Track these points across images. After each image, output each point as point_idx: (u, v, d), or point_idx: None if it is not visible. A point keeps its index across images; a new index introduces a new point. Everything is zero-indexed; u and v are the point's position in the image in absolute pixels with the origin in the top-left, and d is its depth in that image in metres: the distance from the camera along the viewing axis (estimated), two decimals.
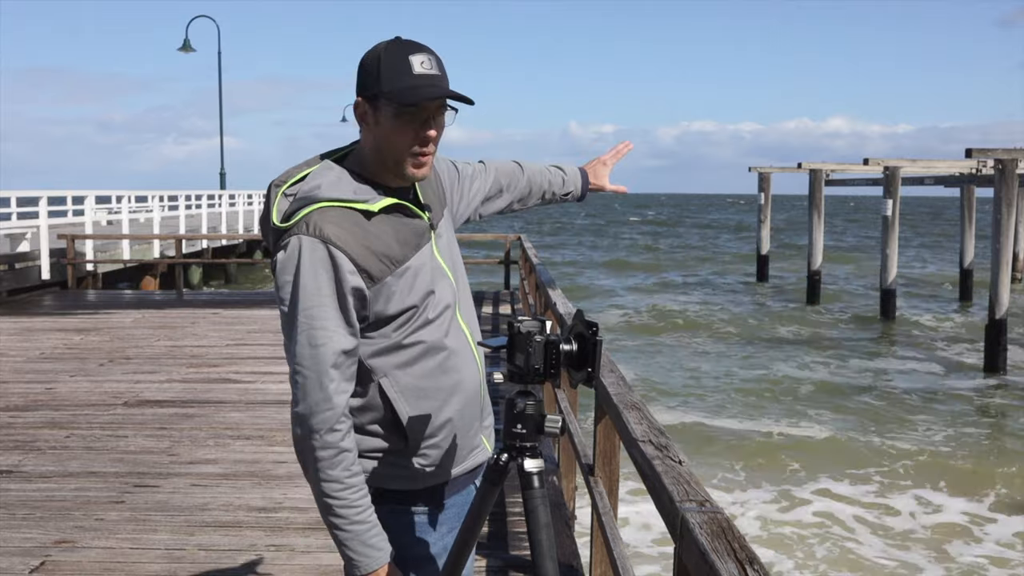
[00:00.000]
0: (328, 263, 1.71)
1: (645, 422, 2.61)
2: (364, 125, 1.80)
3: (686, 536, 1.77)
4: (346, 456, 1.75)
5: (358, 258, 1.73)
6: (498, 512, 4.61)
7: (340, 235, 1.72)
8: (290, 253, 1.73)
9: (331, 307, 1.72)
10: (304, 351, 1.72)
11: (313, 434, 1.73)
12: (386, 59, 1.74)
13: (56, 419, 6.51)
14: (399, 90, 1.72)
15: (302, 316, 1.72)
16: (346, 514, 1.75)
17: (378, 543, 1.78)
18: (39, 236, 14.70)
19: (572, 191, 2.33)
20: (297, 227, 1.74)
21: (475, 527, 1.83)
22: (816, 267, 24.79)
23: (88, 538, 4.26)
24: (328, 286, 1.72)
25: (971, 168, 20.78)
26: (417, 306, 1.81)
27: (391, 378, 1.82)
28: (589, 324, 1.69)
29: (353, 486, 1.76)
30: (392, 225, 1.79)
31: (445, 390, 1.86)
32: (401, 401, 1.82)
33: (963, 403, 13.11)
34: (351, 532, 1.76)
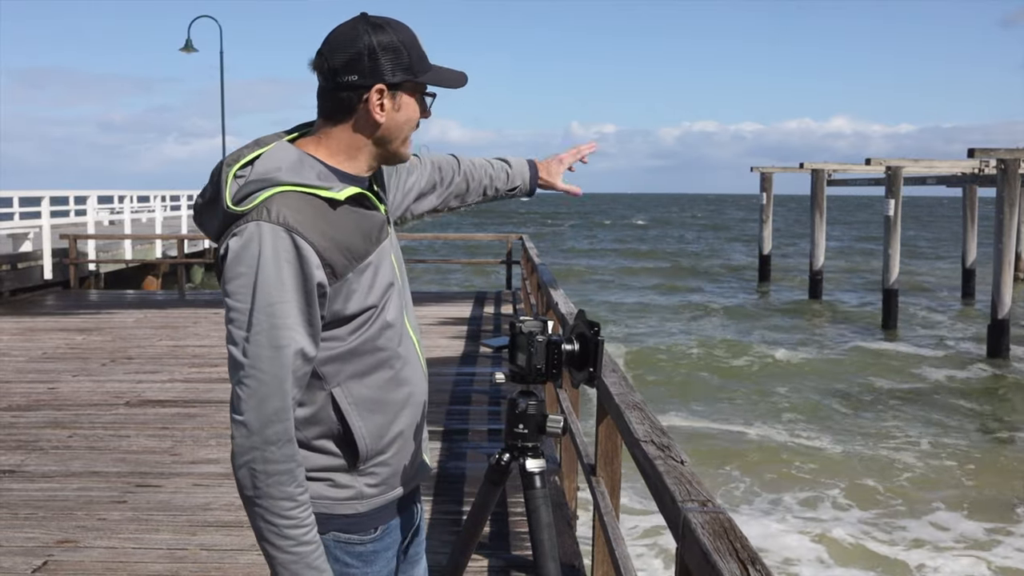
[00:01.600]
0: (293, 254, 1.54)
1: (647, 422, 2.60)
2: (375, 115, 1.64)
3: (688, 536, 1.77)
4: (300, 471, 1.59)
5: (323, 251, 1.56)
6: (500, 512, 4.61)
7: (304, 223, 1.55)
8: (247, 241, 1.54)
9: (294, 304, 1.54)
10: (263, 352, 1.53)
11: (268, 446, 1.55)
12: (405, 42, 1.64)
13: (58, 419, 6.52)
14: (438, 76, 1.67)
15: (261, 314, 1.53)
16: (294, 535, 1.58)
17: (322, 564, 1.62)
18: (41, 236, 14.72)
19: (519, 186, 2.16)
20: (256, 212, 1.55)
21: (478, 527, 1.83)
22: (818, 267, 24.79)
23: (90, 538, 4.27)
24: (292, 280, 1.54)
25: (974, 168, 20.76)
26: (376, 306, 1.66)
27: (344, 388, 1.65)
28: (591, 324, 1.69)
29: (304, 503, 1.59)
30: (354, 217, 1.65)
31: (398, 403, 1.72)
32: (353, 413, 1.66)
33: (963, 402, 13.10)
34: (297, 555, 1.58)
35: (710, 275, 32.52)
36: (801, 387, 13.91)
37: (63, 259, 15.40)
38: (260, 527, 1.59)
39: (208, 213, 1.67)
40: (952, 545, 7.71)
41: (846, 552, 7.53)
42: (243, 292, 1.54)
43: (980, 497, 8.91)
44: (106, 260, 16.83)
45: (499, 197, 2.16)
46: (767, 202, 28.09)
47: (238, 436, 1.56)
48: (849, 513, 8.39)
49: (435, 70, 1.68)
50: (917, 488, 9.18)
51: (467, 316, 11.98)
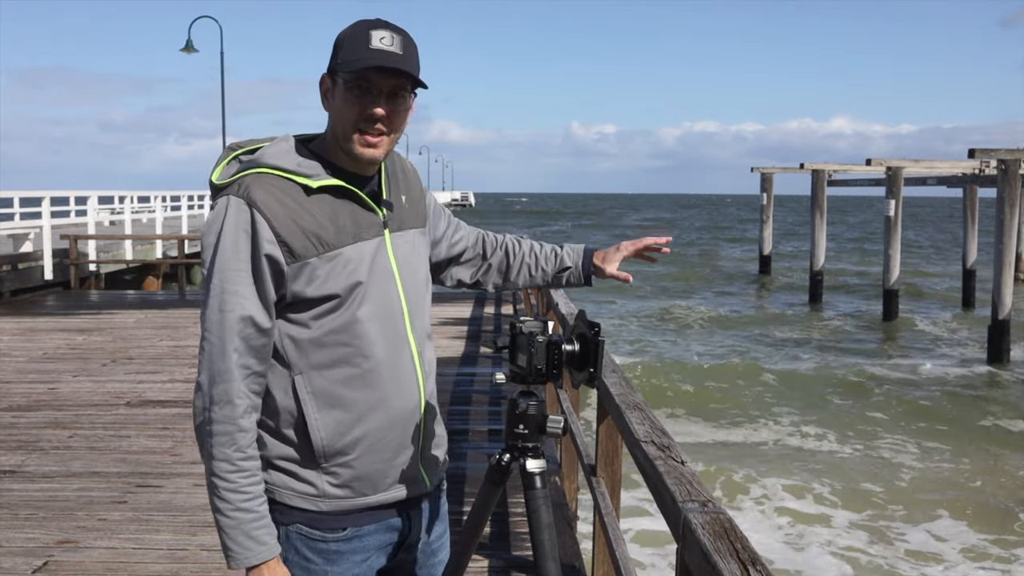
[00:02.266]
0: (249, 226, 1.63)
1: (647, 422, 2.61)
2: (326, 102, 1.73)
3: (688, 536, 1.77)
4: (242, 436, 1.63)
5: (280, 228, 1.63)
6: (500, 512, 4.61)
7: (267, 201, 1.64)
8: (216, 213, 1.66)
9: (245, 273, 1.63)
10: (213, 316, 1.63)
11: (212, 406, 1.62)
12: (348, 34, 1.68)
13: (59, 419, 6.52)
14: (349, 61, 1.65)
15: (215, 279, 1.63)
16: (232, 499, 1.63)
17: (262, 536, 1.65)
18: (42, 236, 14.72)
19: (571, 268, 2.07)
20: (230, 188, 1.67)
21: (478, 528, 1.83)
22: (818, 267, 24.79)
23: (91, 538, 4.27)
24: (246, 250, 1.63)
25: (974, 168, 20.77)
26: (340, 296, 1.67)
27: (305, 377, 1.69)
28: (591, 324, 1.69)
29: (245, 469, 1.63)
30: (333, 208, 1.69)
31: (363, 403, 1.71)
32: (311, 404, 1.69)
33: (963, 403, 13.09)
34: (234, 519, 1.63)
35: (706, 280, 31.98)
36: (801, 388, 13.90)
37: (63, 259, 15.41)
38: (208, 490, 1.66)
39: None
40: (951, 556, 7.69)
41: (845, 557, 7.53)
42: (207, 258, 1.65)
43: (980, 503, 8.89)
44: (106, 260, 16.83)
45: (551, 283, 2.09)
46: (767, 202, 28.10)
47: (195, 398, 1.66)
48: (844, 517, 8.38)
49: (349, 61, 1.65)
50: (917, 492, 9.17)
51: (467, 316, 11.98)
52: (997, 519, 8.35)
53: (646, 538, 7.25)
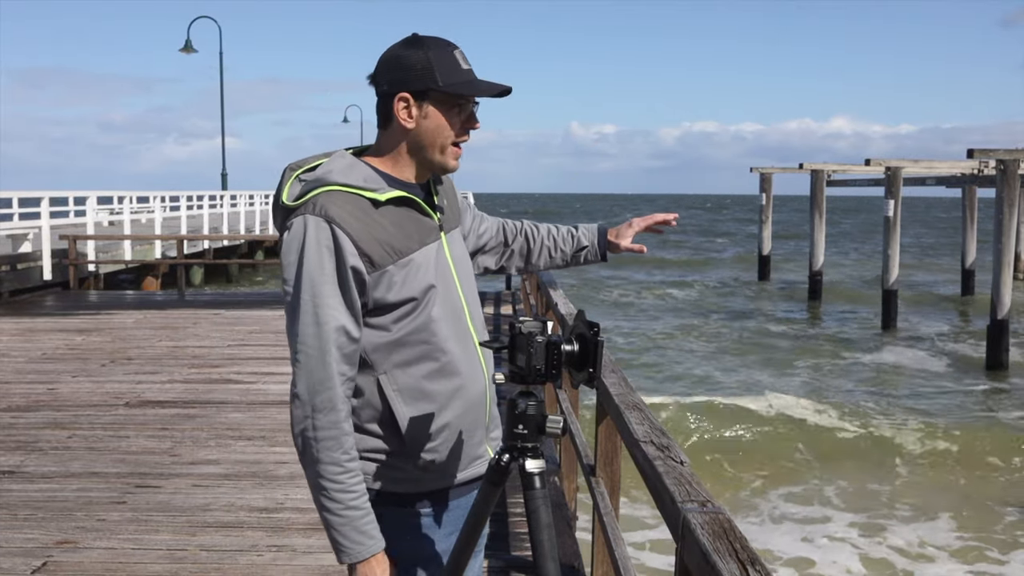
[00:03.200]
0: (331, 242, 1.72)
1: (647, 422, 2.61)
2: (402, 121, 1.81)
3: (688, 537, 1.77)
4: (346, 439, 1.74)
5: (360, 241, 1.74)
6: (500, 512, 4.61)
7: (344, 217, 1.73)
8: (295, 232, 1.75)
9: (333, 286, 1.73)
10: (308, 329, 1.72)
11: (316, 413, 1.72)
12: (436, 55, 1.78)
13: (58, 419, 6.51)
14: (459, 83, 1.78)
15: (306, 294, 1.72)
16: (342, 499, 1.74)
17: (371, 531, 1.76)
18: (41, 237, 14.71)
19: (587, 247, 2.25)
20: (304, 207, 1.76)
21: (477, 528, 1.83)
22: (817, 268, 24.80)
23: (90, 538, 4.26)
24: (330, 265, 1.72)
25: (973, 168, 20.77)
26: (417, 299, 1.80)
27: (390, 376, 1.81)
28: (591, 324, 1.69)
29: (351, 470, 1.75)
30: (398, 217, 1.81)
31: (445, 394, 1.84)
32: (398, 400, 1.81)
33: (962, 404, 13.10)
34: (345, 518, 1.74)
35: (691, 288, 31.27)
36: (799, 390, 13.91)
37: (62, 260, 15.40)
38: (314, 492, 1.76)
39: (275, 209, 1.87)
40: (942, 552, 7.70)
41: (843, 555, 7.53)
42: (291, 276, 1.75)
43: (976, 501, 8.90)
44: (106, 261, 16.83)
45: (569, 262, 2.26)
46: (767, 202, 28.10)
47: (293, 407, 1.75)
48: (844, 515, 8.38)
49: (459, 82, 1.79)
50: (916, 492, 9.18)
51: None
52: (991, 520, 8.36)
53: (646, 538, 7.25)
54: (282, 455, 5.61)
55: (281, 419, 6.49)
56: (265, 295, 15.84)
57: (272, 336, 10.29)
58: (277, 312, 12.45)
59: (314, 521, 4.46)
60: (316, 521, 4.45)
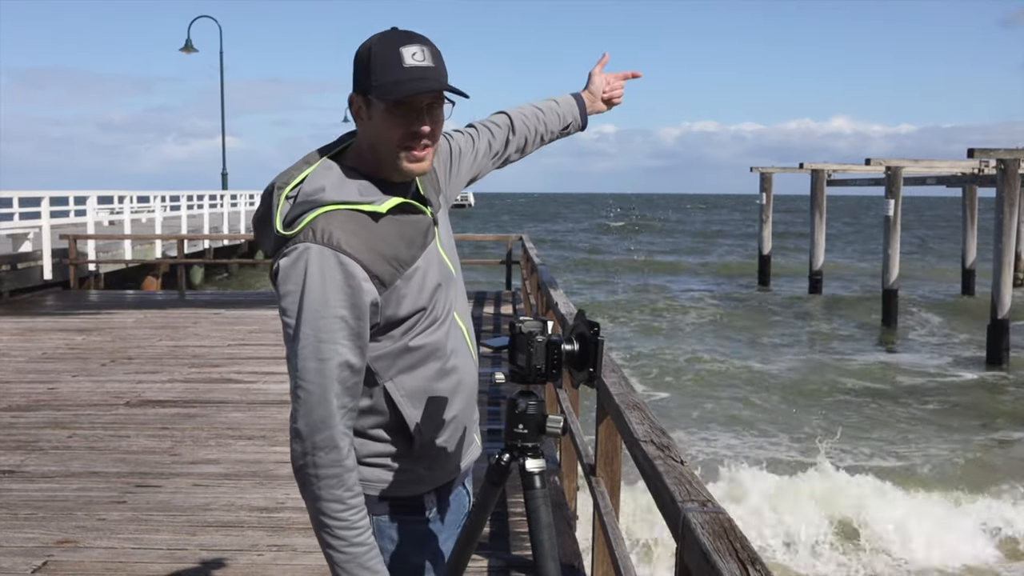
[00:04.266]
0: (339, 272, 1.62)
1: (647, 422, 2.61)
2: (359, 121, 1.73)
3: (688, 536, 1.77)
4: (349, 475, 1.67)
5: (369, 265, 1.64)
6: (500, 512, 4.61)
7: (351, 242, 1.63)
8: (294, 260, 1.63)
9: (339, 319, 1.63)
10: (309, 365, 1.63)
11: (317, 451, 1.65)
12: (377, 51, 1.66)
13: (58, 419, 6.51)
14: (387, 84, 1.64)
15: (306, 328, 1.62)
16: (346, 536, 1.67)
17: (375, 566, 1.70)
18: (41, 236, 14.71)
19: (572, 123, 2.29)
20: (303, 233, 1.64)
21: (477, 527, 1.83)
22: (818, 267, 24.81)
23: (90, 538, 4.27)
24: (338, 297, 1.62)
25: (973, 168, 20.76)
26: (426, 307, 1.75)
27: (396, 382, 1.76)
28: (591, 324, 1.69)
29: (354, 507, 1.68)
30: (398, 225, 1.72)
31: (448, 391, 1.82)
32: (407, 405, 1.77)
33: (962, 404, 13.09)
34: (349, 555, 1.68)
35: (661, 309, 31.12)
36: (798, 389, 13.91)
37: (63, 259, 15.39)
38: (316, 528, 1.70)
39: (262, 231, 1.77)
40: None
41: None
42: (291, 308, 1.65)
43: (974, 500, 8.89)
44: (106, 260, 16.82)
45: (556, 139, 2.30)
46: (767, 202, 28.09)
47: (293, 443, 1.68)
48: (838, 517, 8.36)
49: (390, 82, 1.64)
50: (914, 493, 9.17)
51: None
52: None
53: (646, 538, 7.24)
54: (282, 455, 5.60)
55: (281, 419, 6.48)
56: (265, 295, 15.81)
57: (272, 336, 10.29)
58: (277, 311, 12.43)
59: None
60: None
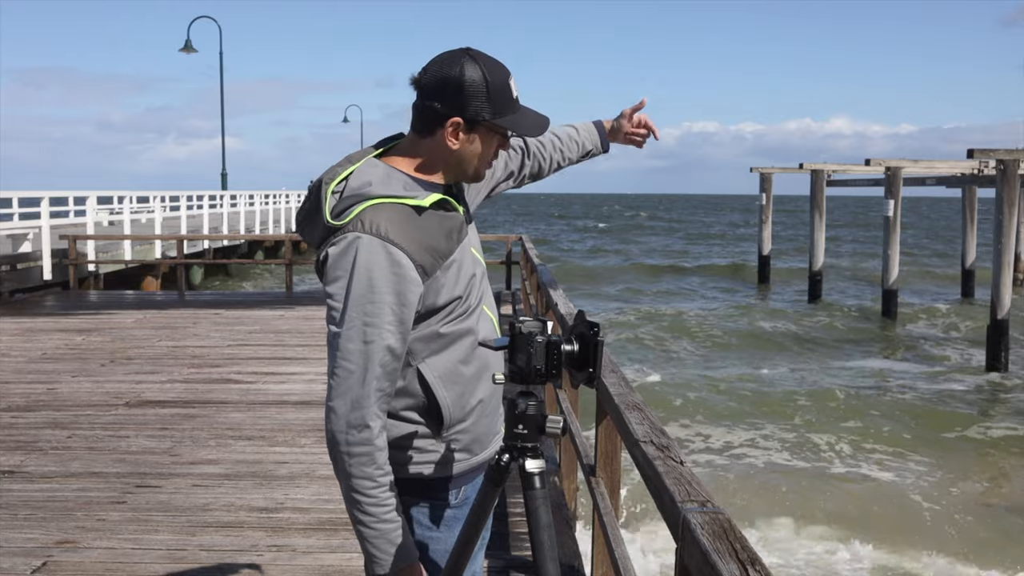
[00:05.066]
0: (387, 261, 1.73)
1: (647, 423, 2.61)
2: (447, 141, 1.82)
3: (688, 537, 1.77)
4: (379, 454, 1.77)
5: (414, 254, 1.76)
6: (500, 512, 4.61)
7: (398, 233, 1.75)
8: (345, 249, 1.74)
9: (387, 305, 1.73)
10: (354, 346, 1.73)
11: (351, 430, 1.74)
12: (494, 83, 1.79)
13: (58, 419, 6.51)
14: (509, 119, 1.82)
15: (353, 311, 1.73)
16: (375, 512, 1.77)
17: (404, 543, 1.79)
18: (41, 237, 14.71)
19: (591, 150, 2.38)
20: (352, 224, 1.76)
21: (477, 528, 1.83)
22: (817, 268, 24.80)
23: (90, 538, 4.26)
24: (385, 284, 1.73)
25: (973, 168, 20.77)
26: (462, 296, 1.86)
27: (428, 364, 1.85)
28: (591, 324, 1.69)
29: (384, 484, 1.77)
30: (438, 220, 1.84)
31: (475, 374, 1.90)
32: (439, 386, 1.85)
33: (962, 404, 13.09)
34: (378, 531, 1.77)
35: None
36: (797, 390, 13.91)
37: (62, 260, 15.40)
38: (348, 505, 1.79)
39: (309, 224, 1.87)
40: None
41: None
42: (339, 293, 1.75)
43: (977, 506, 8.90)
44: (106, 260, 16.82)
45: (576, 163, 2.40)
46: (767, 203, 28.09)
47: (329, 422, 1.77)
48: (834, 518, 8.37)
49: (515, 116, 1.83)
50: (915, 494, 9.18)
51: None
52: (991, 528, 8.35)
53: (646, 538, 7.25)
54: (282, 455, 5.61)
55: (281, 419, 6.49)
56: (265, 295, 15.83)
57: (272, 336, 10.30)
58: (277, 312, 12.46)
59: (314, 521, 4.46)
60: (316, 521, 4.45)
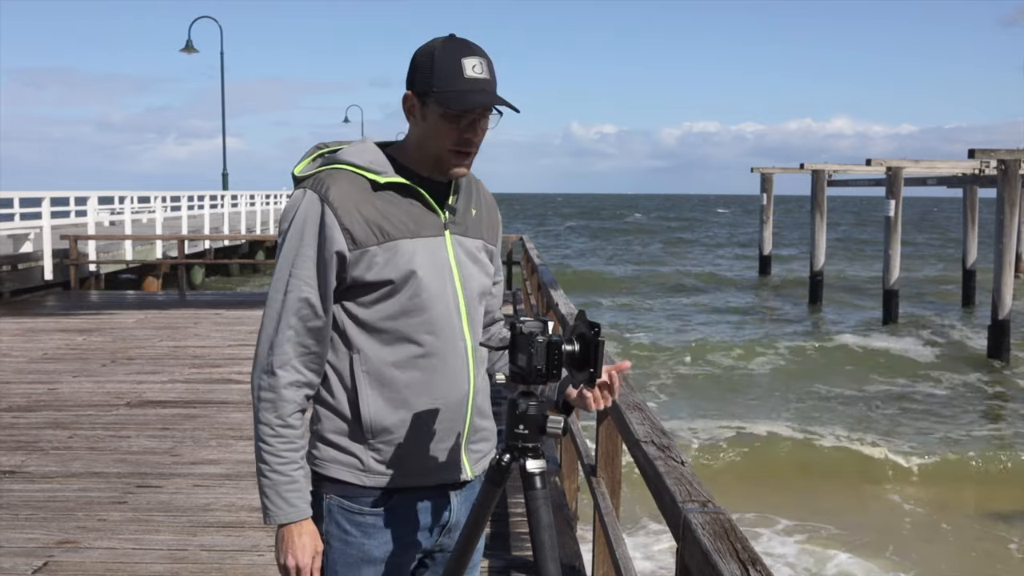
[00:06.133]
0: (318, 219, 1.77)
1: (647, 423, 2.61)
2: (411, 118, 1.84)
3: (688, 537, 1.77)
4: (283, 404, 1.79)
5: (344, 218, 1.77)
6: (500, 513, 4.61)
7: (337, 195, 1.77)
8: (292, 203, 1.82)
9: (310, 259, 1.78)
10: (276, 295, 1.81)
11: (262, 375, 1.80)
12: (440, 57, 1.76)
13: (59, 419, 6.51)
14: (449, 93, 1.75)
15: (282, 262, 1.81)
16: (269, 461, 1.79)
17: (293, 499, 1.80)
18: (42, 237, 14.72)
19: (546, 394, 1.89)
20: (307, 181, 1.83)
21: (478, 528, 1.83)
22: (818, 268, 24.80)
23: (91, 538, 4.27)
24: (312, 239, 1.78)
25: (974, 168, 20.76)
26: (394, 283, 1.79)
27: (362, 356, 1.83)
28: (591, 324, 1.69)
29: (284, 436, 1.79)
30: (397, 203, 1.82)
31: (414, 388, 1.83)
32: (364, 381, 1.82)
33: (962, 404, 13.08)
34: (270, 479, 1.80)
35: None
36: (799, 392, 13.90)
37: (63, 260, 15.40)
38: (255, 451, 1.83)
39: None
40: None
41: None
42: (280, 244, 1.82)
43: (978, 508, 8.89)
44: (106, 261, 16.82)
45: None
46: (767, 202, 28.09)
47: (253, 366, 1.84)
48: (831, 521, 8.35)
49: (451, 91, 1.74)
50: (914, 494, 9.17)
51: None
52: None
53: (646, 538, 7.25)
54: None
55: None
56: (265, 295, 15.82)
57: None
58: None
59: None
60: None
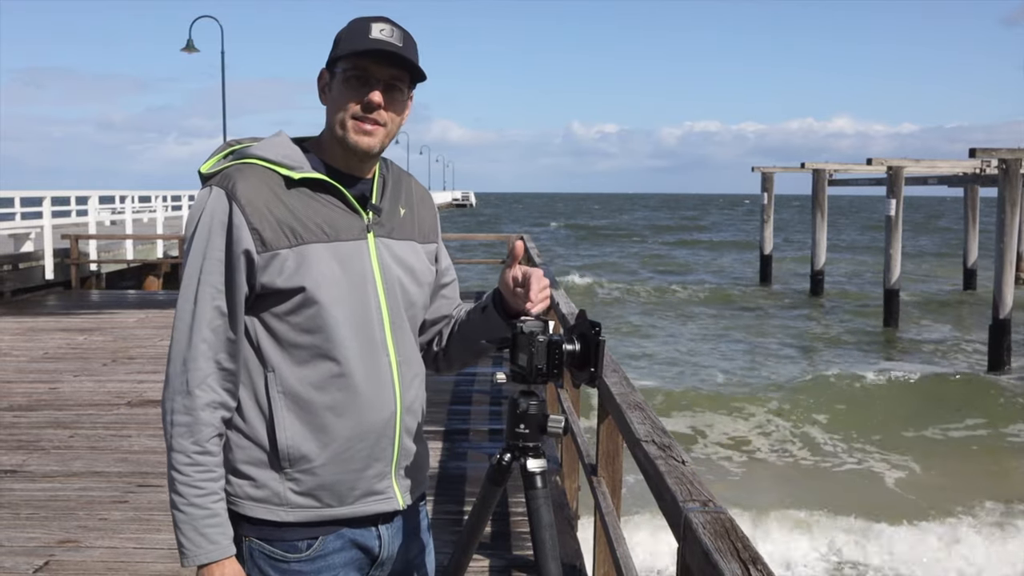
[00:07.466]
0: (225, 218, 1.61)
1: (648, 422, 2.60)
2: (323, 97, 1.72)
3: (689, 536, 1.77)
4: (201, 429, 1.61)
5: (253, 217, 1.61)
6: (501, 512, 4.61)
7: (245, 192, 1.62)
8: (197, 203, 1.67)
9: (220, 262, 1.62)
10: (185, 306, 1.64)
11: (176, 396, 1.62)
12: (348, 28, 1.69)
13: (60, 419, 6.52)
14: (351, 54, 1.65)
15: (190, 268, 1.64)
16: (186, 493, 1.60)
17: (215, 536, 1.61)
18: (43, 236, 14.72)
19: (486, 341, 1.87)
20: (214, 178, 1.66)
21: (478, 528, 1.83)
22: (819, 267, 24.81)
23: (92, 538, 4.27)
24: (219, 241, 1.62)
25: (975, 168, 20.74)
26: (307, 289, 1.63)
27: (277, 374, 1.66)
28: (592, 324, 1.69)
29: (202, 465, 1.61)
30: (312, 204, 1.66)
31: (333, 409, 1.66)
32: (279, 402, 1.65)
33: (962, 404, 13.07)
34: (187, 515, 1.60)
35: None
36: (797, 391, 13.90)
37: (64, 259, 15.40)
38: (168, 482, 1.64)
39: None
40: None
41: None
42: (186, 249, 1.67)
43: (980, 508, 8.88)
44: (107, 260, 16.83)
45: (477, 347, 1.91)
46: (768, 202, 28.07)
47: (164, 386, 1.66)
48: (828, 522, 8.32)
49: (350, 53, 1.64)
50: (914, 494, 9.16)
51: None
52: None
53: (647, 538, 7.24)
54: None
55: None
56: None
57: None
58: None
59: None
60: None
